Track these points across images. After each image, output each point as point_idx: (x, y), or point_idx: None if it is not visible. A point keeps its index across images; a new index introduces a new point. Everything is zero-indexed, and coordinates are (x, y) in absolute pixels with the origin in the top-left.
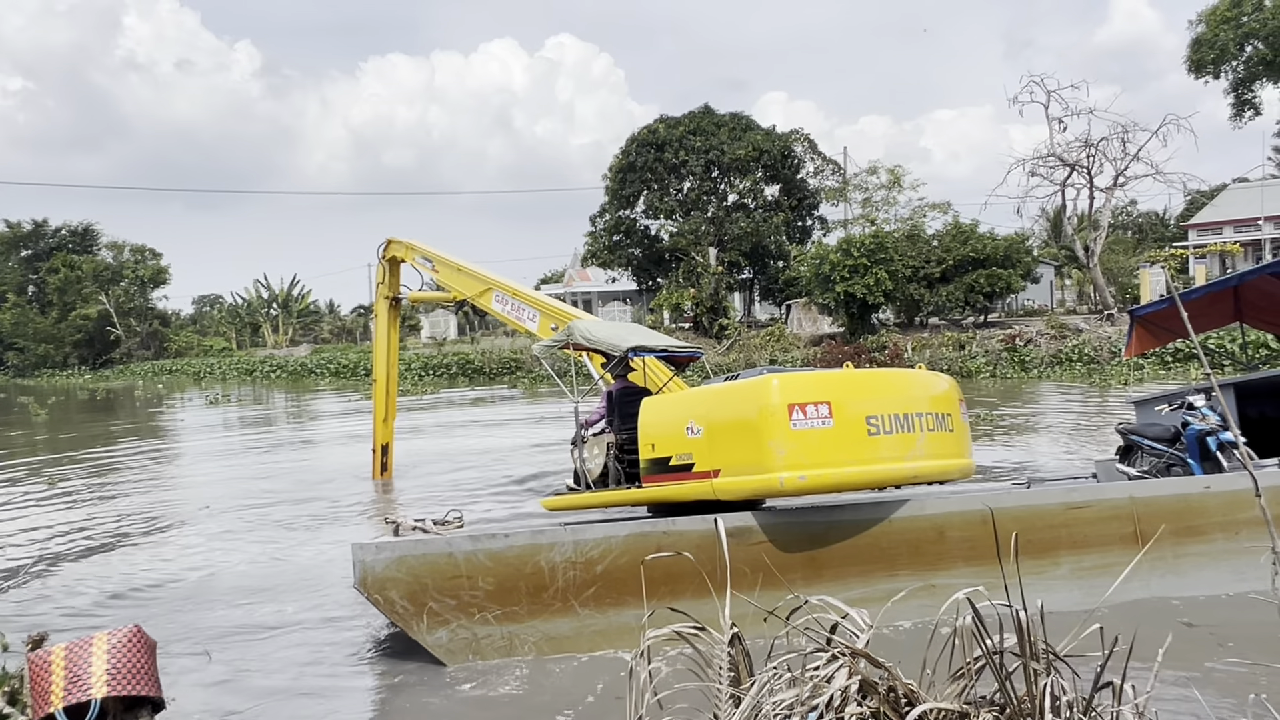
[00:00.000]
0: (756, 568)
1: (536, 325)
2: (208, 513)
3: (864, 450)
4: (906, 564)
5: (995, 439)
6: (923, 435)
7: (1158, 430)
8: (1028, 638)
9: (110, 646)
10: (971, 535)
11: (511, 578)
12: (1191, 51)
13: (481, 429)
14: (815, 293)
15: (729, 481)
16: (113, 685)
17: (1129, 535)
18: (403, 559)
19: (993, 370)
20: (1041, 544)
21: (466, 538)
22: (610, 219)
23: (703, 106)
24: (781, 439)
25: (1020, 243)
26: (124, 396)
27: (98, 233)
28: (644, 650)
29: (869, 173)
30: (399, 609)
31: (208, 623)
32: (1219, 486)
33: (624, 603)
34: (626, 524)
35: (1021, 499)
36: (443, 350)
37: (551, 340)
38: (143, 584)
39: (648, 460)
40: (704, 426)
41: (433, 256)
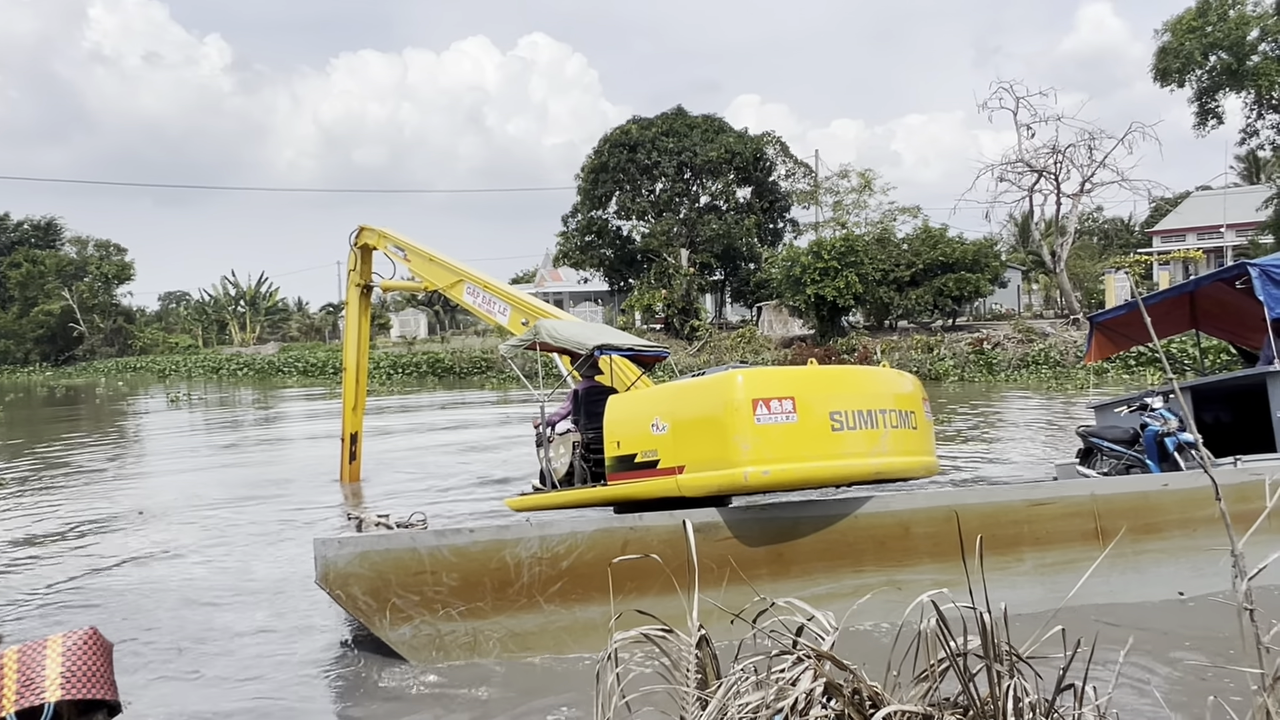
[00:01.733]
0: (723, 564)
1: (507, 319)
2: (144, 517)
3: (828, 446)
4: (872, 560)
5: (960, 441)
6: (886, 432)
7: (1117, 432)
8: (991, 640)
9: (65, 649)
10: (936, 532)
11: (476, 573)
12: (1157, 60)
13: (450, 429)
14: (786, 295)
15: (693, 478)
16: (67, 689)
17: (1090, 532)
18: (365, 554)
19: (960, 373)
20: (1005, 540)
21: (431, 533)
22: (582, 219)
23: (676, 108)
24: (746, 434)
25: (988, 247)
26: (85, 394)
27: (61, 227)
28: (611, 653)
29: (840, 176)
30: (362, 605)
31: (165, 625)
32: (1177, 484)
33: (590, 599)
34: (593, 520)
35: (986, 496)
36: (413, 349)
37: (518, 339)
38: (97, 587)
39: (613, 458)
40: (669, 423)
41: (405, 245)
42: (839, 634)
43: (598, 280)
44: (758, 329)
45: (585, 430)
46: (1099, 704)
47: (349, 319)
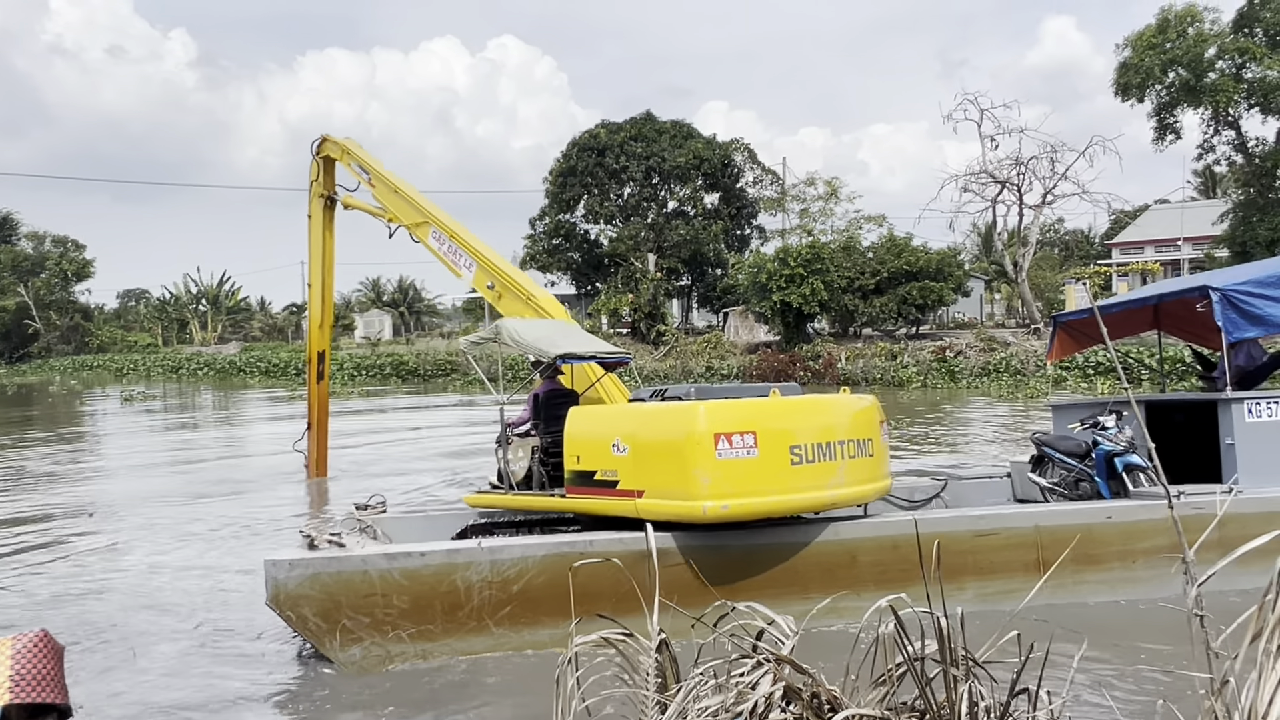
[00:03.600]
0: (673, 589)
1: (472, 275)
2: (93, 519)
3: (787, 480)
4: (819, 587)
5: (922, 444)
6: (843, 463)
7: (1069, 445)
8: (948, 645)
9: (14, 652)
10: (882, 560)
11: (426, 596)
12: (1118, 75)
13: (413, 431)
14: (752, 301)
15: (652, 504)
16: (16, 692)
17: (1032, 563)
18: (316, 576)
19: (923, 380)
20: (949, 569)
21: (382, 555)
22: (550, 222)
23: (645, 113)
24: (706, 468)
25: (952, 257)
26: (37, 392)
27: (17, 222)
28: (571, 656)
29: (807, 184)
30: (312, 626)
31: (116, 626)
32: (1120, 517)
33: (539, 622)
34: (543, 544)
35: (932, 526)
36: (377, 351)
37: (478, 336)
38: (44, 589)
39: (572, 471)
40: (629, 446)
41: (370, 167)
42: (798, 638)
43: (565, 284)
44: (724, 334)
45: (544, 434)
46: (1053, 708)
47: (312, 233)
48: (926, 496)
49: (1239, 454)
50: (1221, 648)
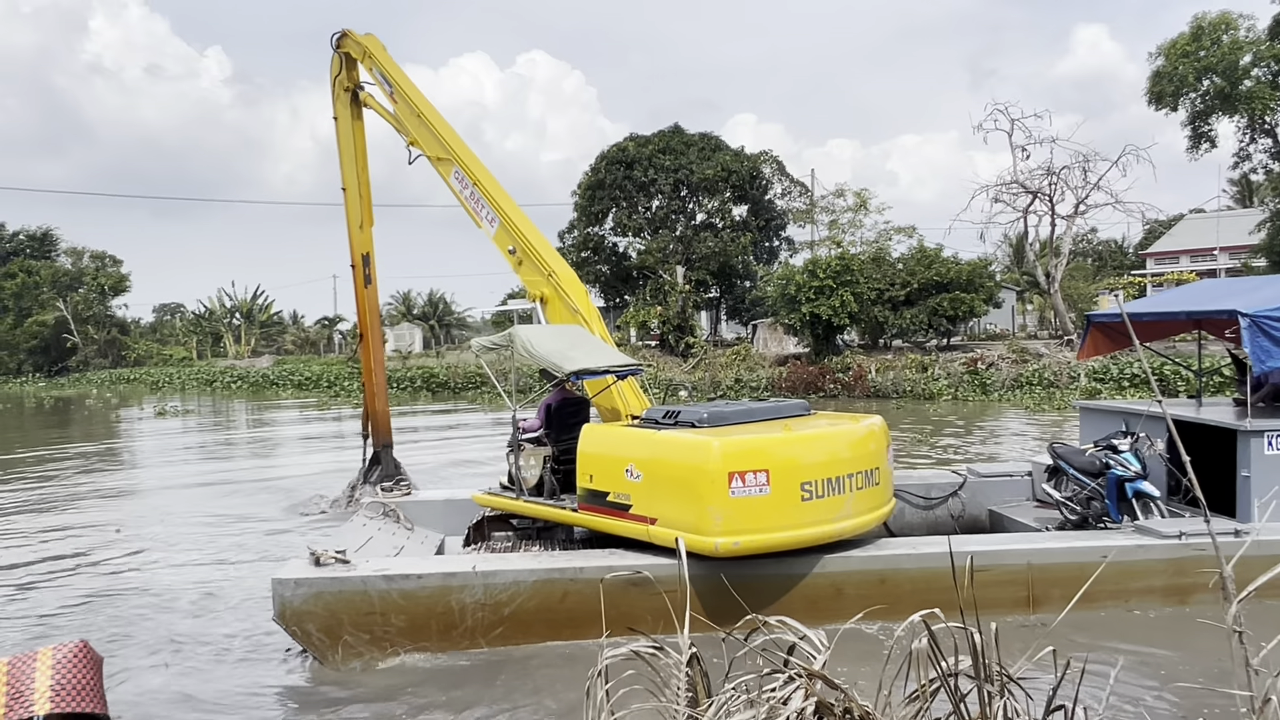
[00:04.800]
0: (658, 616)
1: (493, 231)
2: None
3: (796, 516)
4: (803, 618)
5: (952, 456)
6: (851, 496)
7: (1084, 461)
8: (982, 660)
9: (55, 662)
10: (868, 594)
11: (423, 616)
12: (1151, 84)
13: (441, 443)
14: (781, 313)
15: (665, 532)
16: (56, 702)
17: (1022, 599)
18: (320, 594)
19: (954, 392)
20: (935, 604)
21: (381, 576)
22: (579, 235)
23: (673, 126)
24: (719, 506)
25: (983, 268)
26: (75, 405)
27: (57, 238)
28: (602, 670)
29: (836, 195)
30: (315, 641)
31: (147, 637)
32: (1116, 557)
33: (529, 642)
34: (534, 570)
35: (920, 561)
36: (407, 364)
37: (491, 342)
38: (75, 600)
39: (585, 490)
40: (644, 473)
41: (394, 78)
42: (830, 653)
43: (594, 296)
44: (752, 346)
45: (555, 443)
46: None
47: (341, 134)
48: (943, 495)
49: (1254, 488)
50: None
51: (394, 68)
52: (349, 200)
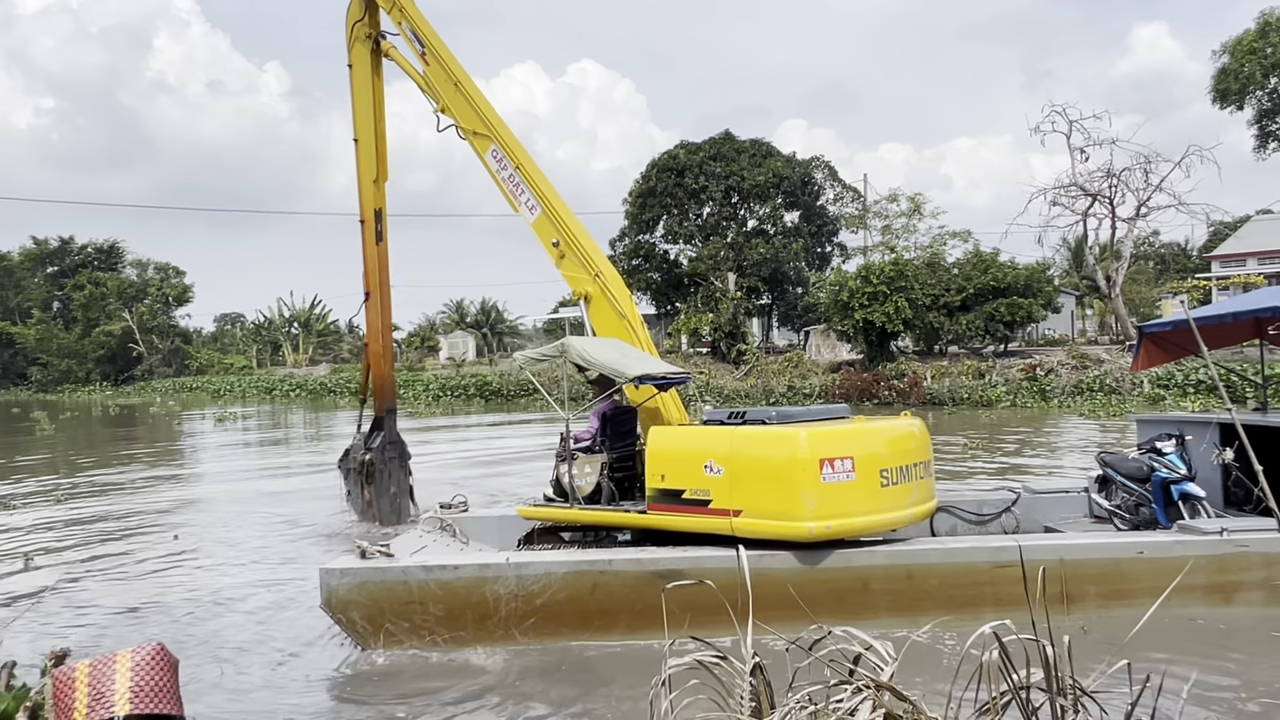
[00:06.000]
0: (686, 609)
1: (533, 218)
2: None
3: (877, 501)
4: (829, 613)
5: (1009, 464)
6: (915, 484)
7: (1130, 468)
8: (1055, 673)
9: (134, 664)
10: (896, 589)
11: (459, 605)
12: (1216, 82)
13: (487, 450)
14: (834, 319)
15: (751, 523)
16: (135, 703)
17: (1054, 596)
18: (363, 584)
19: (1013, 400)
20: (964, 600)
21: (420, 567)
22: (630, 243)
23: (723, 132)
24: (812, 491)
25: (1041, 272)
26: (139, 413)
27: (123, 251)
28: (665, 679)
29: (889, 200)
30: (359, 628)
31: (208, 640)
32: (1152, 553)
33: (560, 633)
34: (564, 562)
35: (948, 556)
36: (460, 372)
37: (540, 353)
38: (133, 604)
39: (656, 490)
40: (725, 468)
41: (427, 38)
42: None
43: (645, 303)
44: (805, 353)
45: (610, 450)
46: None
47: (356, 82)
48: (996, 510)
49: None
50: None
51: (427, 26)
52: (361, 152)
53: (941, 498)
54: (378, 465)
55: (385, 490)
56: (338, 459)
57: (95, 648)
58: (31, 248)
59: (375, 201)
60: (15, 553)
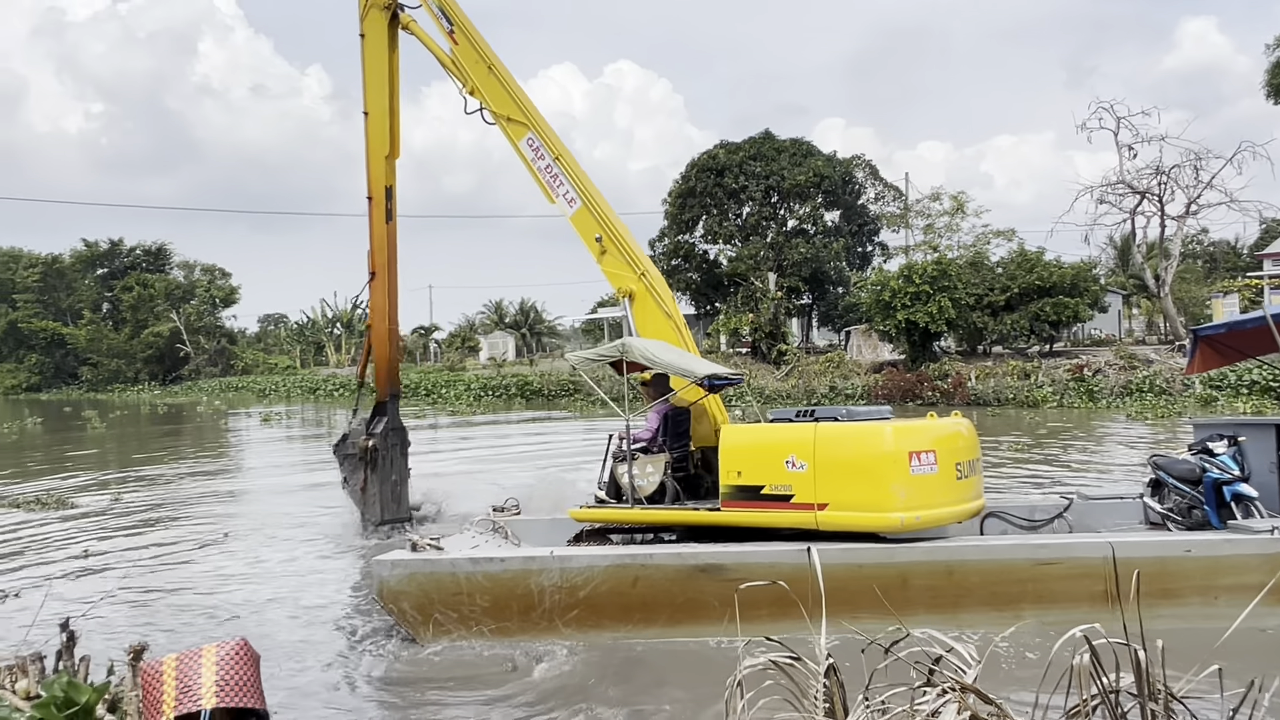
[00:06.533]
0: (726, 603)
1: (571, 211)
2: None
3: (954, 493)
4: (868, 607)
5: (1054, 467)
6: (977, 479)
7: (1182, 470)
8: (1146, 677)
9: (219, 658)
10: (935, 585)
11: (505, 597)
12: (1270, 76)
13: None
14: (875, 319)
15: (837, 515)
16: (221, 696)
17: (1099, 594)
18: (413, 575)
19: (1060, 400)
20: (1005, 598)
21: (468, 560)
22: (669, 243)
23: (763, 132)
24: (903, 483)
25: (1087, 271)
26: (186, 412)
27: (170, 252)
28: (739, 680)
29: (932, 199)
30: (409, 618)
31: (273, 636)
32: (1200, 551)
33: (602, 625)
34: (606, 555)
35: (987, 552)
36: (501, 372)
37: (597, 353)
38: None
39: (732, 486)
40: (808, 462)
41: (455, 14)
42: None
43: (685, 304)
44: (846, 353)
45: (671, 450)
46: None
47: (368, 52)
48: (1048, 516)
49: None
50: None
51: (454, 3)
52: (373, 127)
53: (992, 503)
54: (381, 452)
55: (387, 478)
56: (333, 444)
57: (156, 645)
58: (82, 250)
59: (386, 178)
60: (74, 545)
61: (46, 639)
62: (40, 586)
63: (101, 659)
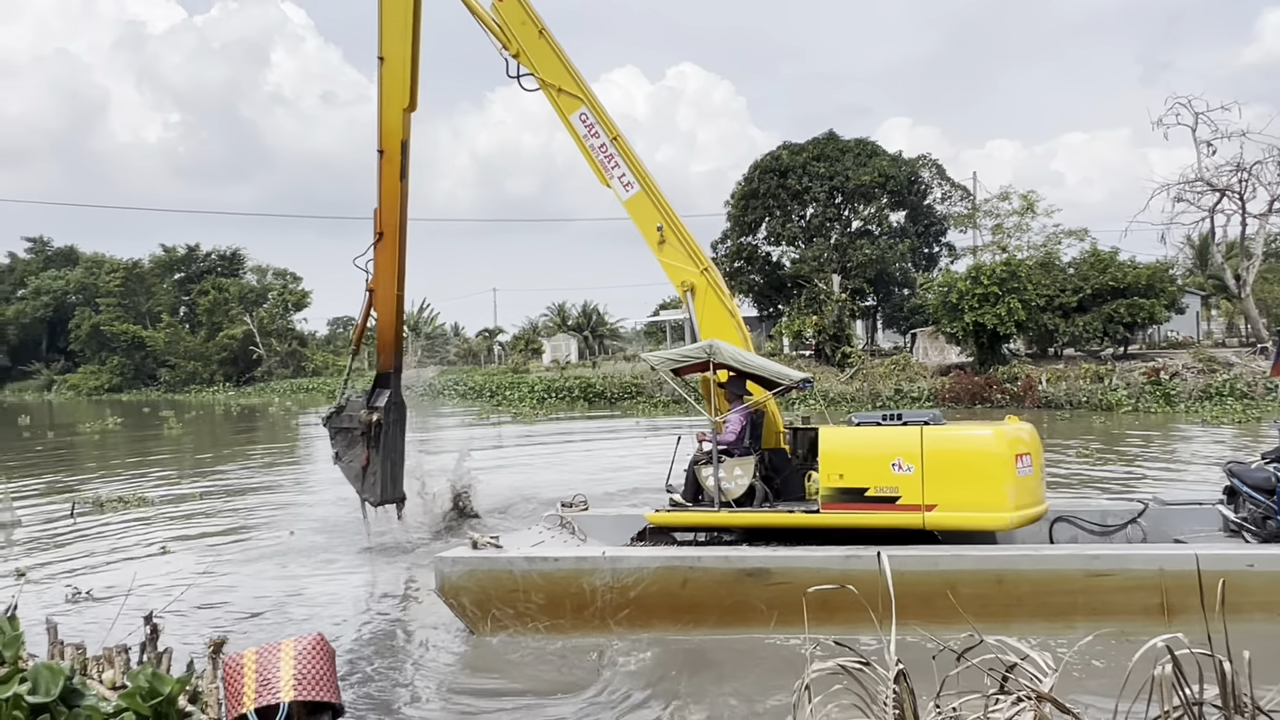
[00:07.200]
0: (772, 606)
1: (627, 196)
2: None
3: (1040, 492)
4: (915, 615)
5: (1134, 467)
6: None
7: (1257, 478)
8: (1231, 690)
9: (297, 652)
10: (984, 594)
11: (559, 595)
12: None
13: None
14: (942, 321)
15: (946, 516)
16: (299, 690)
17: (1154, 607)
18: (473, 572)
19: (1135, 404)
20: (1056, 609)
21: (524, 558)
22: (731, 245)
23: (827, 132)
24: (1011, 483)
25: (1164, 271)
26: (259, 412)
27: (244, 257)
28: (806, 684)
29: (1001, 198)
30: (469, 613)
31: (350, 633)
32: (1264, 565)
33: (651, 625)
34: (656, 557)
35: (1041, 563)
36: (564, 374)
37: (681, 354)
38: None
39: (834, 489)
40: (915, 465)
41: None
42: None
43: (747, 306)
44: (912, 356)
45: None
46: None
47: None
48: (1121, 521)
49: None
50: None
51: None
52: (390, 74)
53: (1062, 507)
54: (384, 427)
55: (388, 456)
56: (324, 416)
57: (233, 639)
58: (161, 255)
59: (402, 132)
60: (154, 541)
61: (130, 632)
62: (123, 581)
63: (182, 652)
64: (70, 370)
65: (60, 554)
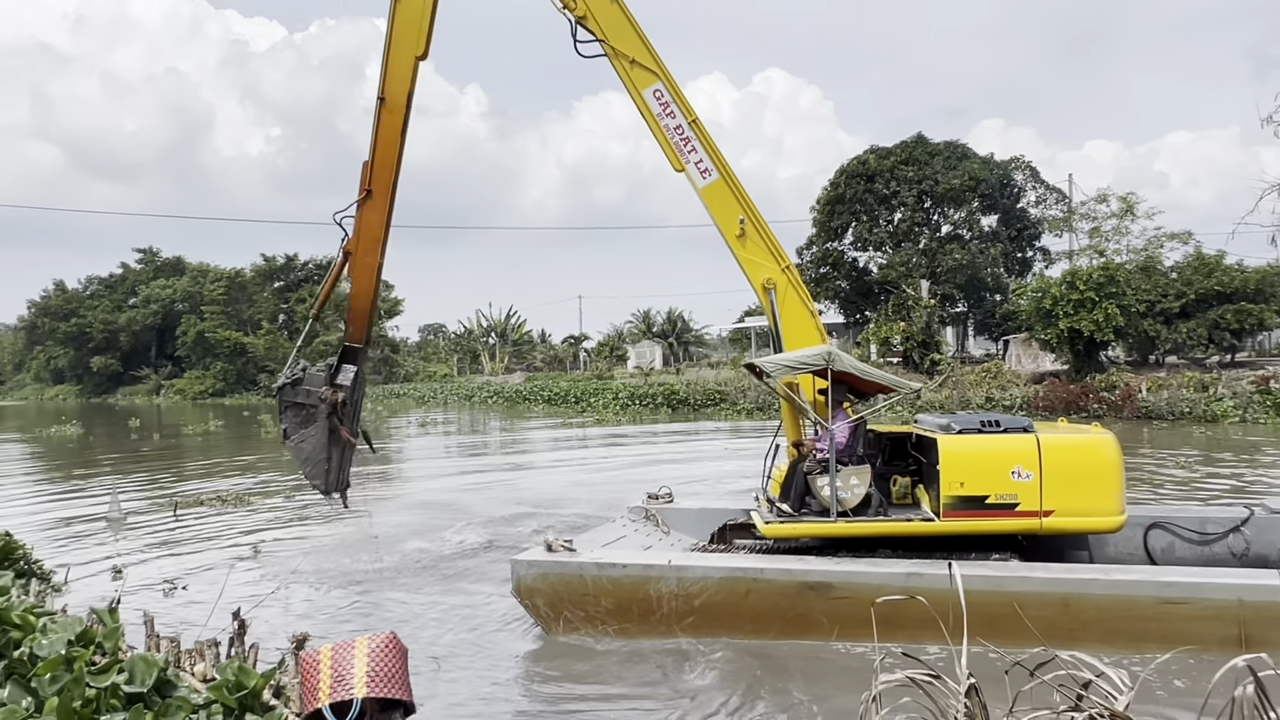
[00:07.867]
0: (834, 619)
1: (703, 184)
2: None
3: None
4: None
5: (1240, 480)
6: None
7: None
8: None
9: (370, 650)
10: (1050, 616)
11: (627, 600)
12: None
13: (679, 459)
14: (1036, 328)
15: (1063, 521)
16: (371, 686)
17: (1231, 638)
18: (546, 574)
19: (1242, 415)
20: (1126, 635)
21: (594, 564)
22: (818, 251)
23: (915, 136)
24: (1120, 488)
25: (1274, 275)
26: None
27: None
28: (875, 695)
29: (1098, 201)
30: (542, 613)
31: (425, 633)
32: None
33: (715, 633)
34: (719, 567)
35: (1110, 588)
36: (649, 380)
37: (797, 360)
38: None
39: (954, 497)
40: (1033, 473)
41: None
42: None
43: (833, 312)
44: (1004, 363)
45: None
46: None
47: None
48: (1222, 530)
49: None
50: None
51: None
52: (405, 14)
53: (1158, 513)
54: (348, 407)
55: (355, 434)
56: (276, 386)
57: (316, 636)
58: (261, 264)
59: (410, 82)
60: (249, 539)
61: (222, 627)
62: (217, 576)
63: (269, 647)
64: (177, 375)
65: (161, 550)
